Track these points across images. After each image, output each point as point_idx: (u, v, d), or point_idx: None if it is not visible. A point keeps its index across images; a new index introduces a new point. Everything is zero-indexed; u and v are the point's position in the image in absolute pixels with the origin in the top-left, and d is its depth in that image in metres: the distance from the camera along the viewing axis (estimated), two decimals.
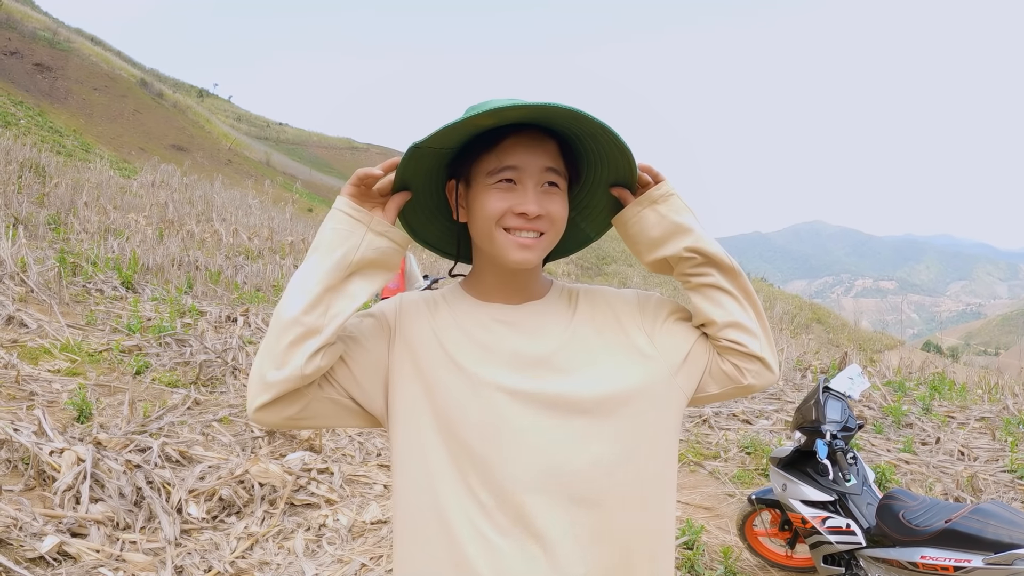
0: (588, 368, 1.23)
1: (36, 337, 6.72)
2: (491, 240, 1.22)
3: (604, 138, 1.18)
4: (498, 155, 1.21)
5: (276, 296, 12.20)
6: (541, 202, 1.20)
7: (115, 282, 9.69)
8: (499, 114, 1.13)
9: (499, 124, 1.20)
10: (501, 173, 1.20)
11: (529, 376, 1.21)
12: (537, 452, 1.17)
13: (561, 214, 1.23)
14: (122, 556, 3.46)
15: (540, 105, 1.10)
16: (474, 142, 1.23)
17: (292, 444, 5.17)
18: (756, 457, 6.08)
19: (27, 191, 14.71)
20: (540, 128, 1.22)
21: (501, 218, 1.20)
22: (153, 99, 55.96)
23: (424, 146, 1.18)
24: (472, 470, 1.18)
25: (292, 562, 3.70)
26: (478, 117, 1.13)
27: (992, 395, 9.31)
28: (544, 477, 1.16)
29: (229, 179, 33.67)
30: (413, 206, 1.32)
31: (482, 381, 1.20)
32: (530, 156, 1.20)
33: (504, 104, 1.10)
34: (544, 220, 1.21)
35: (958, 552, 2.93)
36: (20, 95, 37.37)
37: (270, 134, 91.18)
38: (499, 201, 1.20)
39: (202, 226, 16.76)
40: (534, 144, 1.21)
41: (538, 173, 1.20)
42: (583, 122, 1.15)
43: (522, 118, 1.18)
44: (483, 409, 1.19)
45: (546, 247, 1.24)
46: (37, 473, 3.99)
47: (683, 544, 4.13)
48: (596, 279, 41.52)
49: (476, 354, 1.23)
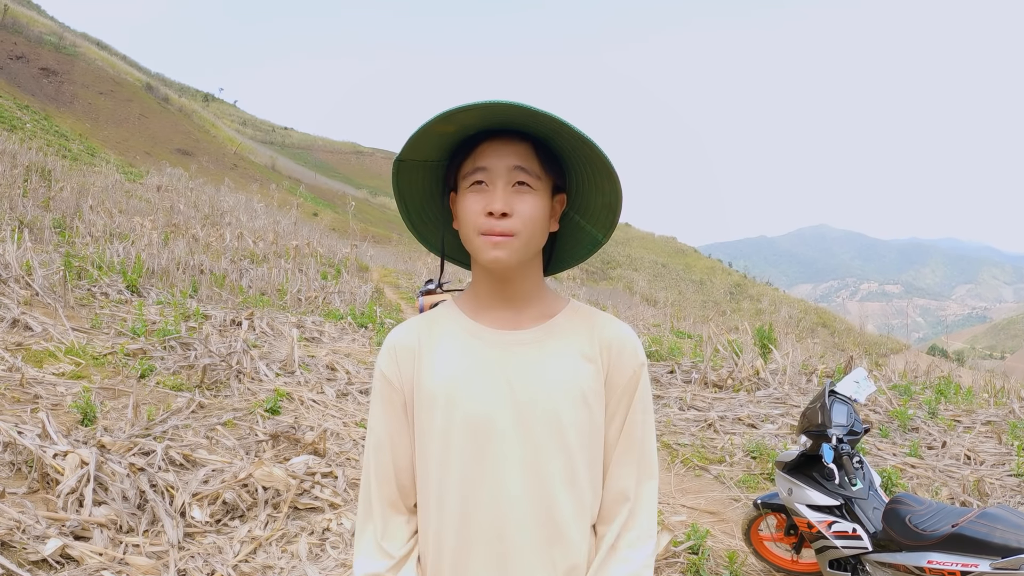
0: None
1: (41, 340, 6.73)
2: (470, 242, 1.25)
3: (566, 132, 1.20)
4: (473, 159, 1.24)
5: (280, 300, 12.22)
6: (509, 201, 1.21)
7: (120, 286, 9.72)
8: (451, 118, 1.16)
9: (468, 132, 1.23)
10: (473, 175, 1.23)
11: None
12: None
13: (532, 213, 1.23)
14: (125, 559, 3.45)
15: (487, 104, 1.13)
16: (458, 152, 1.27)
17: (296, 448, 5.17)
18: (761, 461, 6.05)
19: (33, 195, 14.77)
20: (516, 133, 1.25)
21: (476, 219, 1.22)
22: (159, 103, 56.15)
23: (407, 159, 1.25)
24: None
25: (296, 566, 3.68)
26: (434, 123, 1.16)
27: (998, 399, 9.26)
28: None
29: (234, 183, 33.75)
30: (422, 218, 1.38)
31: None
32: (498, 156, 1.23)
33: (454, 108, 1.14)
34: (514, 220, 1.21)
35: (965, 557, 2.91)
36: (26, 99, 37.54)
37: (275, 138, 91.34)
38: (473, 203, 1.23)
39: (207, 230, 16.81)
40: (503, 146, 1.23)
41: (506, 172, 1.22)
42: (538, 118, 1.16)
43: (481, 120, 1.20)
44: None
45: (519, 248, 1.23)
46: (41, 476, 3.99)
47: (688, 549, 4.11)
48: (601, 283, 41.48)
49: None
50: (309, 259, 17.24)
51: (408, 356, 1.31)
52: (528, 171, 1.23)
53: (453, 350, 1.29)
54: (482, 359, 1.27)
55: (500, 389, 1.25)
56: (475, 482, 1.24)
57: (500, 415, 1.24)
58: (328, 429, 5.53)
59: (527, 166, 1.23)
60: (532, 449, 1.24)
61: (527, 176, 1.23)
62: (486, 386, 1.26)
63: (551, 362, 1.28)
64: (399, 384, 1.31)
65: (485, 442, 1.24)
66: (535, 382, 1.26)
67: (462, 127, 1.21)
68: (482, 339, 1.29)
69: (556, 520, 1.25)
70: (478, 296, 1.33)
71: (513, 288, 1.30)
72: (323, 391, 6.80)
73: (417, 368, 1.30)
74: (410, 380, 1.30)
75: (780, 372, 9.48)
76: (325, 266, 17.21)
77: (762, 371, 9.31)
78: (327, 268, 16.98)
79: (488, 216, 1.21)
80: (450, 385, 1.26)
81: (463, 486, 1.25)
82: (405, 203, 1.36)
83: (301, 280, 14.04)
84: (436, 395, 1.26)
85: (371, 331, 10.63)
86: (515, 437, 1.24)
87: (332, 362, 7.91)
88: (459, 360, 1.28)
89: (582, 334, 1.32)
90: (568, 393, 1.26)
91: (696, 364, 10.21)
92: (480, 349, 1.28)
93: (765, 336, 11.09)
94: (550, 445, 1.25)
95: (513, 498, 1.24)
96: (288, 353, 7.55)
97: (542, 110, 1.13)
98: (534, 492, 1.24)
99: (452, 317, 1.34)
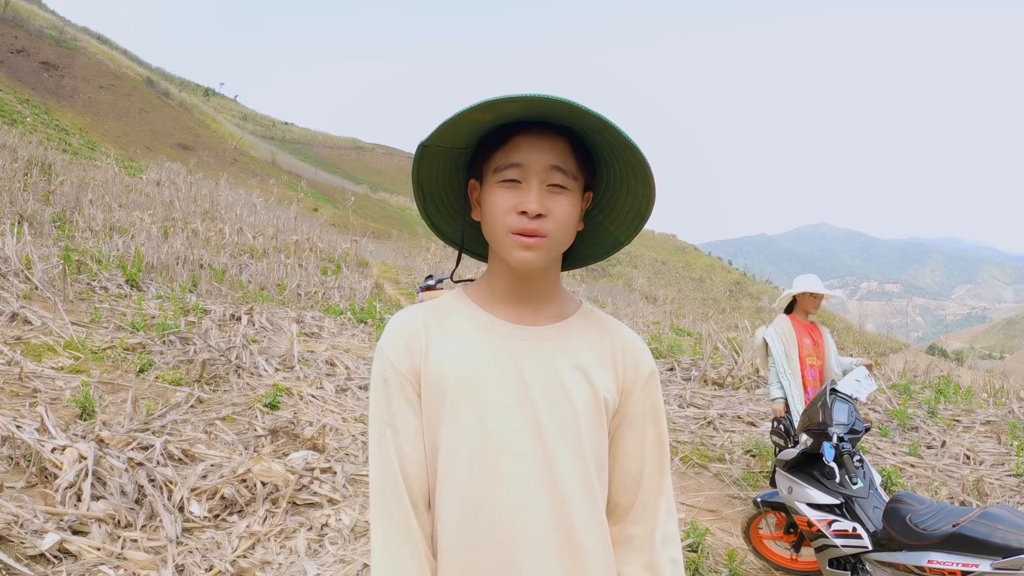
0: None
1: (40, 334, 6.72)
2: (498, 239, 1.20)
3: (609, 133, 1.15)
4: (505, 152, 1.19)
5: (280, 295, 12.22)
6: (544, 202, 1.17)
7: (120, 280, 9.71)
8: (493, 107, 1.11)
9: (503, 121, 1.18)
10: (506, 171, 1.18)
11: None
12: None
13: (566, 216, 1.19)
14: (123, 554, 3.44)
15: (533, 97, 1.08)
16: (487, 141, 1.22)
17: (295, 443, 5.16)
18: (761, 460, 6.05)
19: (33, 189, 14.76)
20: (551, 127, 1.19)
21: (506, 216, 1.18)
22: (159, 98, 56.12)
23: (432, 144, 1.18)
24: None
25: (294, 562, 3.68)
26: (473, 111, 1.11)
27: (997, 399, 9.26)
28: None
29: (235, 178, 33.75)
30: (437, 206, 1.33)
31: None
32: (535, 154, 1.17)
33: (498, 98, 1.09)
34: (548, 221, 1.17)
35: (965, 556, 2.90)
36: (26, 93, 37.52)
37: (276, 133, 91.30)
38: (504, 199, 1.18)
39: (207, 225, 16.79)
40: (540, 142, 1.18)
41: (543, 171, 1.17)
42: (583, 116, 1.12)
43: (521, 112, 1.15)
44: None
45: (550, 249, 1.20)
46: (39, 470, 3.99)
47: (688, 547, 4.11)
48: (601, 280, 41.49)
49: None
50: (309, 254, 17.25)
51: (417, 343, 1.25)
52: (565, 171, 1.18)
53: (465, 341, 1.24)
54: (496, 353, 1.23)
55: (515, 385, 1.21)
56: (487, 480, 1.20)
57: (514, 412, 1.20)
58: (327, 425, 5.53)
59: (564, 166, 1.18)
60: (542, 447, 1.20)
61: (564, 176, 1.18)
62: (500, 381, 1.21)
63: (566, 361, 1.24)
64: (407, 371, 1.24)
65: (497, 439, 1.20)
66: (551, 379, 1.22)
67: (499, 116, 1.16)
68: (497, 332, 1.25)
69: (571, 523, 1.20)
70: (493, 289, 1.29)
71: (533, 286, 1.27)
72: (322, 387, 6.79)
73: (425, 356, 1.24)
74: (418, 367, 1.24)
75: None
76: (325, 261, 17.20)
77: (762, 369, 9.31)
78: (327, 263, 16.97)
79: (521, 215, 1.16)
80: (462, 377, 1.21)
81: (471, 485, 1.20)
82: (423, 191, 1.30)
83: (301, 275, 14.03)
84: (447, 387, 1.21)
85: (371, 327, 10.62)
86: (529, 435, 1.20)
87: (331, 357, 7.90)
88: (472, 352, 1.23)
89: (596, 336, 1.29)
90: (582, 392, 1.23)
91: (696, 362, 10.21)
92: (495, 342, 1.24)
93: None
94: (565, 446, 1.21)
95: (527, 496, 1.19)
96: (287, 348, 7.55)
97: (590, 109, 1.08)
98: (548, 491, 1.20)
99: (464, 307, 1.29)
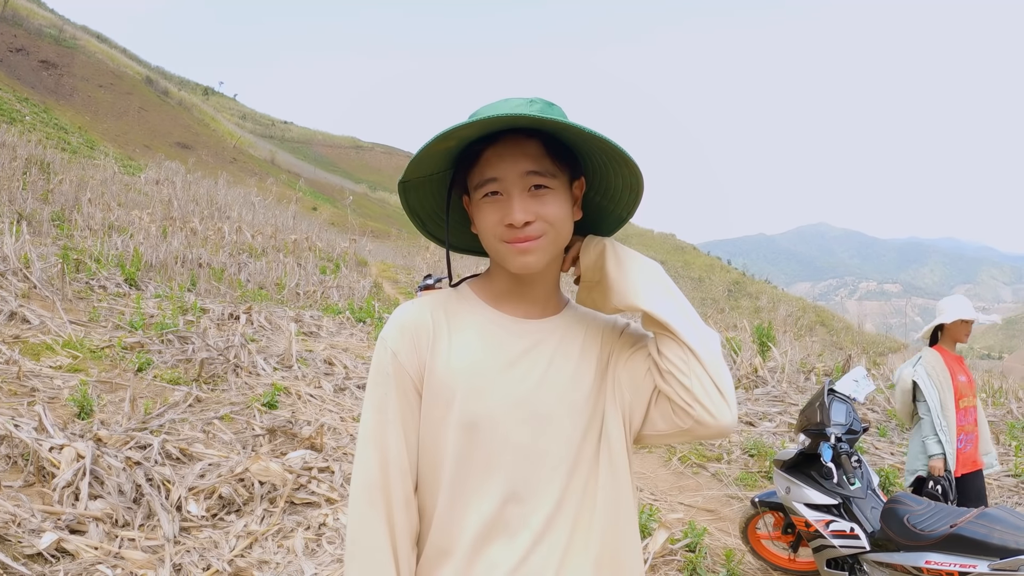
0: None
1: (38, 333, 6.71)
2: (494, 250, 1.22)
3: (570, 131, 1.16)
4: (480, 169, 1.20)
5: (279, 294, 12.20)
6: (529, 207, 1.17)
7: (118, 279, 9.70)
8: (451, 135, 1.13)
9: (470, 140, 1.19)
10: (485, 186, 1.19)
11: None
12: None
13: (555, 213, 1.19)
14: (121, 553, 3.44)
15: (485, 119, 1.09)
16: (462, 161, 1.24)
17: (293, 443, 5.16)
18: (759, 459, 6.05)
19: (32, 187, 14.74)
20: (523, 131, 1.19)
21: (495, 229, 1.19)
22: (158, 97, 56.07)
23: (410, 179, 1.23)
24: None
25: (292, 561, 3.68)
26: (434, 143, 1.13)
27: (996, 399, 9.27)
28: None
29: (234, 177, 33.73)
30: (438, 223, 1.35)
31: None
32: (508, 164, 1.18)
33: (452, 127, 1.10)
34: (537, 224, 1.18)
35: (963, 557, 2.90)
36: (25, 92, 37.48)
37: (275, 132, 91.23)
38: (490, 214, 1.19)
39: (206, 223, 16.78)
40: (512, 150, 1.18)
41: (519, 179, 1.18)
42: (541, 122, 1.12)
43: (481, 130, 1.16)
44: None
45: (547, 248, 1.20)
46: (37, 469, 3.98)
47: (685, 547, 4.10)
48: None
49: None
50: (308, 253, 17.23)
51: (425, 338, 1.24)
52: (542, 172, 1.18)
53: (474, 339, 1.24)
54: (506, 350, 1.23)
55: (524, 380, 1.21)
56: (497, 480, 1.19)
57: (523, 407, 1.20)
58: (325, 424, 5.52)
59: (540, 168, 1.18)
60: (554, 442, 1.21)
61: (543, 178, 1.18)
62: (508, 378, 1.21)
63: (572, 350, 1.26)
64: (410, 365, 1.23)
65: (502, 438, 1.20)
66: (558, 373, 1.23)
67: (462, 140, 1.17)
68: (505, 328, 1.25)
69: (590, 521, 1.20)
70: (497, 286, 1.29)
71: (535, 284, 1.28)
72: (321, 386, 6.79)
73: (432, 353, 1.23)
74: (423, 364, 1.23)
75: (778, 370, 9.48)
76: (324, 260, 17.19)
77: (760, 369, 9.31)
78: (326, 262, 16.96)
79: (508, 227, 1.17)
80: (471, 377, 1.20)
81: (477, 484, 1.19)
82: (419, 217, 1.33)
83: (300, 274, 14.03)
84: (456, 384, 1.20)
85: (369, 326, 10.61)
86: (537, 432, 1.20)
87: (330, 357, 7.89)
88: (482, 350, 1.23)
89: (590, 317, 1.33)
90: (586, 380, 1.25)
91: None
92: (504, 339, 1.24)
93: (763, 334, 11.10)
94: (576, 439, 1.22)
95: (544, 487, 1.19)
96: (286, 347, 7.54)
97: (543, 117, 1.09)
98: (562, 485, 1.20)
99: (471, 304, 1.29)
